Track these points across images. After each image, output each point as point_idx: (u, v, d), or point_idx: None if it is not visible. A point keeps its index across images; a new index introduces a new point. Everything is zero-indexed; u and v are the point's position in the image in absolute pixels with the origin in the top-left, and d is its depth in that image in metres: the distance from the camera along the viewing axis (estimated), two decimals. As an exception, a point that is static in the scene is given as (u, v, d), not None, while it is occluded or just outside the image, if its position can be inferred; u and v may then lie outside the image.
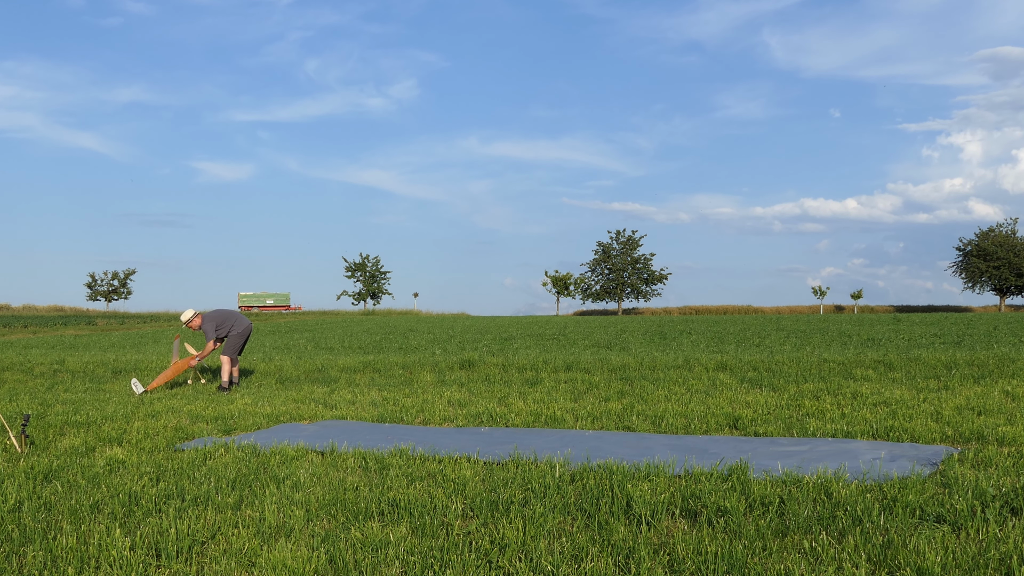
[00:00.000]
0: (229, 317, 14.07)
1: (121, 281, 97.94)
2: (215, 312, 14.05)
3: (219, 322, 13.91)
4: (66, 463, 7.15)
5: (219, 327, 13.85)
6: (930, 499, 5.37)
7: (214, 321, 13.87)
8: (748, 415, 9.48)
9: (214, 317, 13.93)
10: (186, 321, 13.96)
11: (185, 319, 13.88)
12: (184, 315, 13.78)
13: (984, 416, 9.03)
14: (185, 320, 13.92)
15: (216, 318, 13.94)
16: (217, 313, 14.04)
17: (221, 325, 13.89)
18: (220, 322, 13.90)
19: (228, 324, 13.97)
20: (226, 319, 14.02)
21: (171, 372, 13.79)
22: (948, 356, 15.01)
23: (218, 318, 13.95)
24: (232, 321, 14.03)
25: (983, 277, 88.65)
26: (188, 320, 13.98)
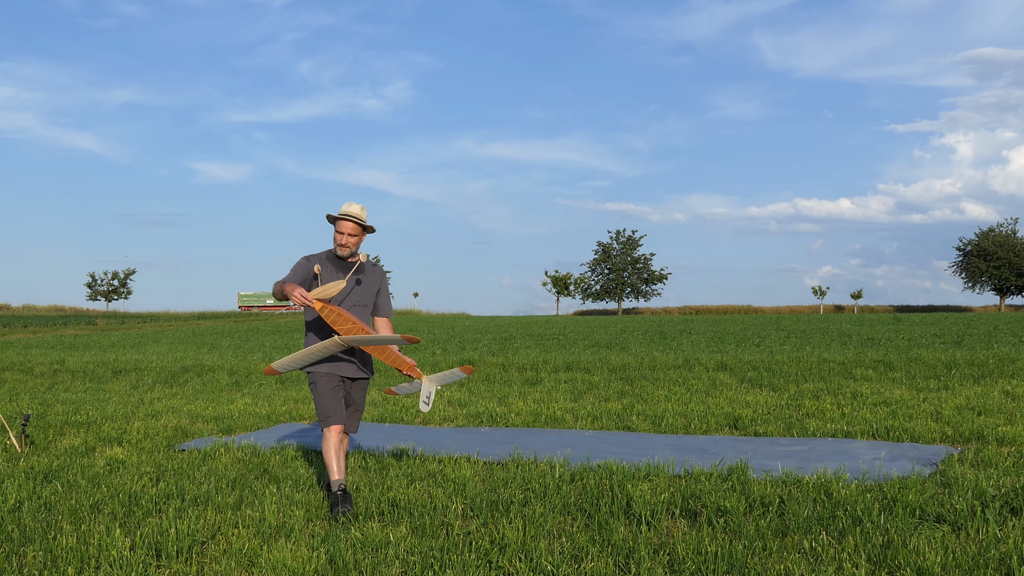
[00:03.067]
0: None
1: (121, 281, 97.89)
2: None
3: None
4: (66, 463, 7.15)
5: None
6: (930, 499, 5.37)
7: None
8: (748, 415, 9.48)
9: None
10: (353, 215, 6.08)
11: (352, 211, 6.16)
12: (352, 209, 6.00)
13: (984, 416, 9.03)
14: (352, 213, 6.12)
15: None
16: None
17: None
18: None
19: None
20: None
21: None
22: (948, 356, 15.01)
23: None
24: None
25: (983, 277, 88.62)
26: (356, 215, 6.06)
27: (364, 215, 5.82)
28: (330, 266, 5.85)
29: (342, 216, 5.77)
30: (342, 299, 5.81)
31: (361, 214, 5.79)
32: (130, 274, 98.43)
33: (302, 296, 5.39)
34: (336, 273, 5.79)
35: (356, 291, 5.84)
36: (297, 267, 5.82)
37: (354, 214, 5.75)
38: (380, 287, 6.04)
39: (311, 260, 5.84)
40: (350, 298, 5.80)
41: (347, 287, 5.77)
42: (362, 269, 5.93)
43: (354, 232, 5.81)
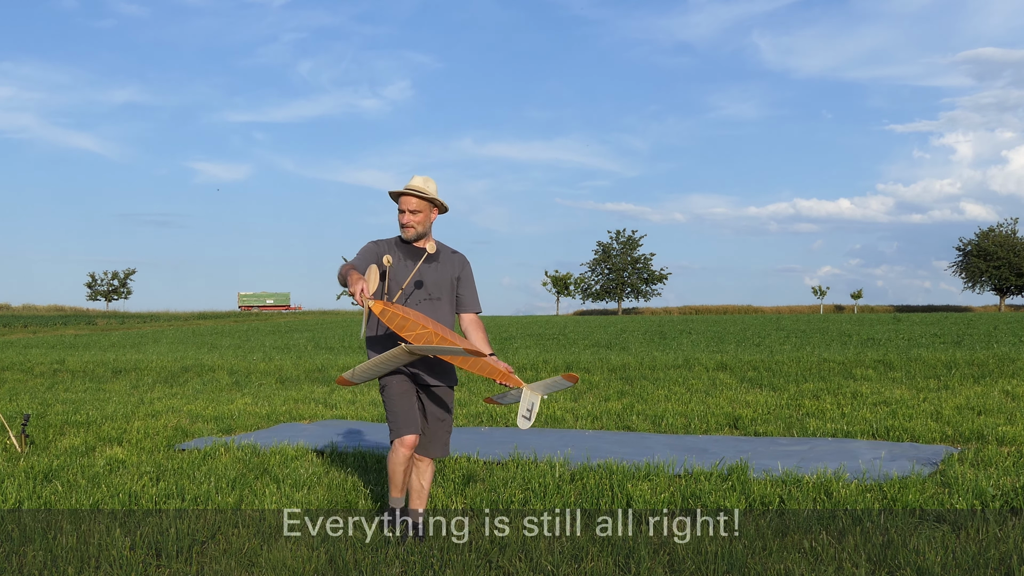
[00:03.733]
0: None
1: (121, 281, 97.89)
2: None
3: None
4: (66, 463, 7.15)
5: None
6: (930, 499, 5.37)
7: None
8: (748, 415, 9.48)
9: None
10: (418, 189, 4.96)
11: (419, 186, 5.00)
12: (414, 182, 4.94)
13: (984, 416, 9.03)
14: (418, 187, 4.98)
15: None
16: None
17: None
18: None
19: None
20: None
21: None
22: (948, 356, 15.01)
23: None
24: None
25: (983, 277, 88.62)
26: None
27: (430, 188, 4.84)
28: (399, 254, 4.90)
29: (403, 191, 4.84)
30: (410, 293, 4.85)
31: (425, 187, 4.82)
32: (130, 274, 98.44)
33: (362, 296, 4.43)
34: (405, 261, 4.87)
35: (428, 281, 4.90)
36: (365, 252, 4.92)
37: (416, 187, 4.80)
38: (461, 275, 5.01)
39: (381, 245, 4.93)
40: (420, 291, 4.87)
41: (414, 276, 4.85)
42: (435, 255, 4.95)
43: (418, 208, 4.84)
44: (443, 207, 4.94)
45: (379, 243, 4.97)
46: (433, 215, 4.93)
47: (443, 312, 4.91)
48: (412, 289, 4.85)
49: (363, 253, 4.92)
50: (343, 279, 4.68)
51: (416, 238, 4.90)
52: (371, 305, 4.50)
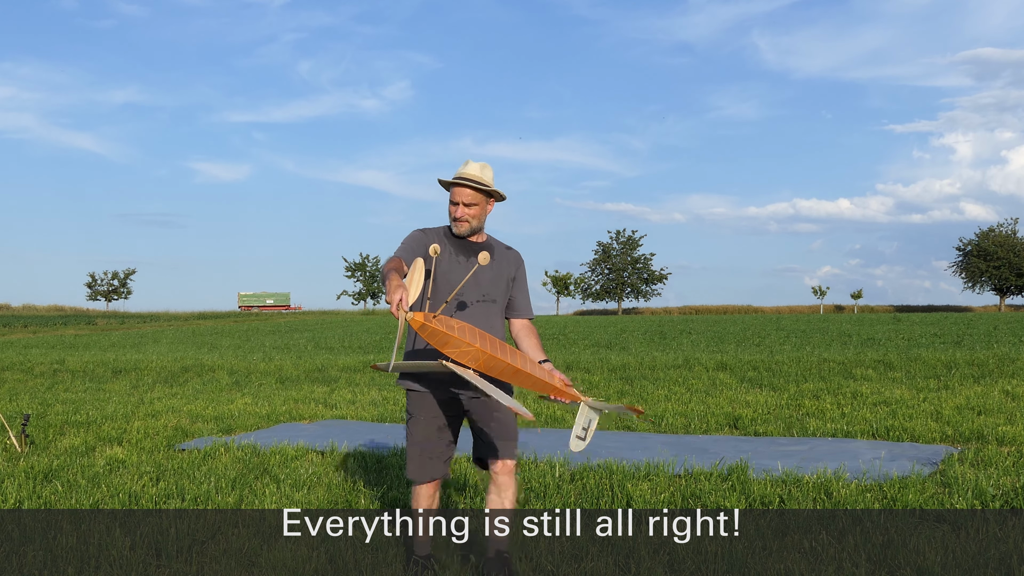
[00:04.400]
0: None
1: (121, 281, 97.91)
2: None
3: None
4: (66, 463, 7.15)
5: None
6: (930, 499, 5.37)
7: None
8: (748, 415, 9.48)
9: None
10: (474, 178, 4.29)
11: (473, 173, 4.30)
12: (469, 169, 4.29)
13: (984, 416, 9.03)
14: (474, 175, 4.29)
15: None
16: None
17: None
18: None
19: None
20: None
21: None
22: (948, 356, 15.01)
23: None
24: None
25: (983, 277, 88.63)
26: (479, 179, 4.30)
27: (487, 176, 4.24)
28: (450, 249, 4.28)
29: (456, 180, 4.22)
30: (462, 294, 4.24)
31: (482, 175, 4.21)
32: (130, 274, 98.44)
33: (399, 307, 3.71)
34: (457, 257, 4.27)
35: (483, 282, 4.28)
36: (410, 243, 4.26)
37: (471, 175, 4.20)
38: (516, 276, 4.41)
39: (429, 235, 4.30)
40: (471, 292, 4.24)
41: (464, 277, 4.22)
42: (490, 252, 4.33)
43: (473, 200, 4.21)
44: (500, 197, 4.33)
45: (427, 232, 4.32)
46: (489, 207, 4.30)
47: (496, 317, 4.32)
48: (465, 290, 4.23)
49: (408, 244, 4.27)
50: (383, 277, 3.95)
51: (470, 233, 4.28)
52: (409, 319, 3.82)
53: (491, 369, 3.98)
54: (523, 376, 4.02)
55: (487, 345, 3.95)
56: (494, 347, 3.98)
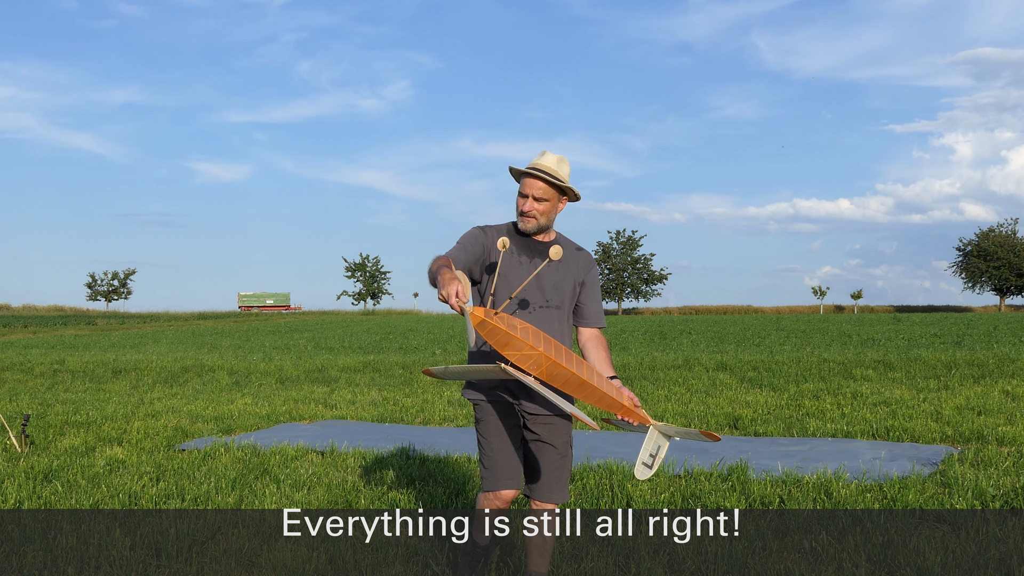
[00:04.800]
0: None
1: (121, 281, 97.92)
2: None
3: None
4: (66, 463, 7.15)
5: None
6: (930, 499, 5.37)
7: None
8: (748, 415, 9.48)
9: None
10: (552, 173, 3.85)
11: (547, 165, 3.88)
12: (545, 160, 3.87)
13: (984, 416, 9.03)
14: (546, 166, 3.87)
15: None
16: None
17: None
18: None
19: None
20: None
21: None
22: (948, 356, 15.01)
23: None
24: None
25: (983, 277, 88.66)
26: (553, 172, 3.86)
27: (563, 171, 3.83)
28: (513, 247, 3.88)
29: (529, 171, 3.81)
30: (523, 298, 3.86)
31: (558, 169, 3.81)
32: (130, 274, 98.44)
33: (458, 301, 3.33)
34: (520, 257, 3.88)
35: (548, 285, 3.87)
36: (466, 242, 3.83)
37: (547, 167, 3.79)
38: (585, 280, 3.98)
39: (488, 233, 3.90)
40: (533, 296, 3.85)
41: (532, 278, 3.80)
42: (541, 266, 3.84)
43: (544, 195, 3.81)
44: (575, 196, 3.93)
45: (487, 230, 3.93)
46: (561, 205, 3.90)
47: (562, 325, 3.91)
48: (527, 294, 3.83)
49: (464, 242, 3.84)
50: (432, 277, 3.52)
51: (536, 231, 3.88)
52: (469, 313, 3.44)
53: (554, 378, 3.57)
54: (589, 389, 3.61)
55: (552, 350, 3.55)
56: (559, 354, 3.59)
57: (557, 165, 3.80)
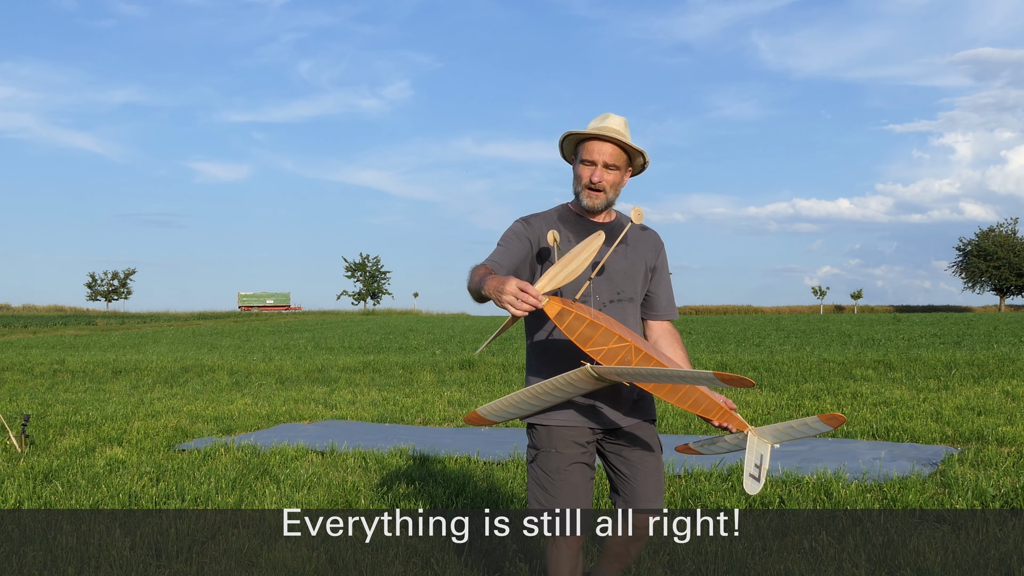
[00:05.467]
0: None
1: (121, 281, 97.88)
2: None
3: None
4: (66, 463, 7.15)
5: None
6: (930, 499, 5.37)
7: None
8: (748, 415, 9.48)
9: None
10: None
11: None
12: (611, 123, 3.26)
13: (984, 416, 9.02)
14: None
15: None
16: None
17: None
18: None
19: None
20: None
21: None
22: (948, 356, 15.00)
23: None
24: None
25: (983, 277, 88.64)
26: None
27: (629, 134, 3.23)
28: (568, 234, 3.22)
29: (592, 133, 3.18)
30: (590, 292, 3.21)
31: (625, 131, 3.21)
32: (130, 274, 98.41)
33: (528, 298, 2.71)
34: (577, 243, 3.18)
35: (617, 273, 3.25)
36: (507, 240, 3.22)
37: (613, 130, 3.16)
38: (656, 265, 3.37)
39: (534, 224, 3.24)
40: (601, 289, 3.22)
41: (599, 265, 3.16)
42: (623, 234, 3.26)
43: (615, 161, 3.17)
44: (642, 164, 3.27)
45: (530, 221, 3.25)
46: (627, 177, 3.26)
47: (637, 321, 3.34)
48: (594, 286, 3.21)
49: (506, 241, 3.23)
50: (476, 288, 2.96)
51: (604, 207, 3.22)
52: (544, 305, 2.84)
53: (647, 380, 2.97)
54: (684, 390, 3.05)
55: (640, 343, 2.98)
56: (647, 346, 3.05)
57: (624, 127, 3.22)
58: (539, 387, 3.07)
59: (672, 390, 3.07)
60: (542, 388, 3.06)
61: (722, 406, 3.18)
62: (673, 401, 3.08)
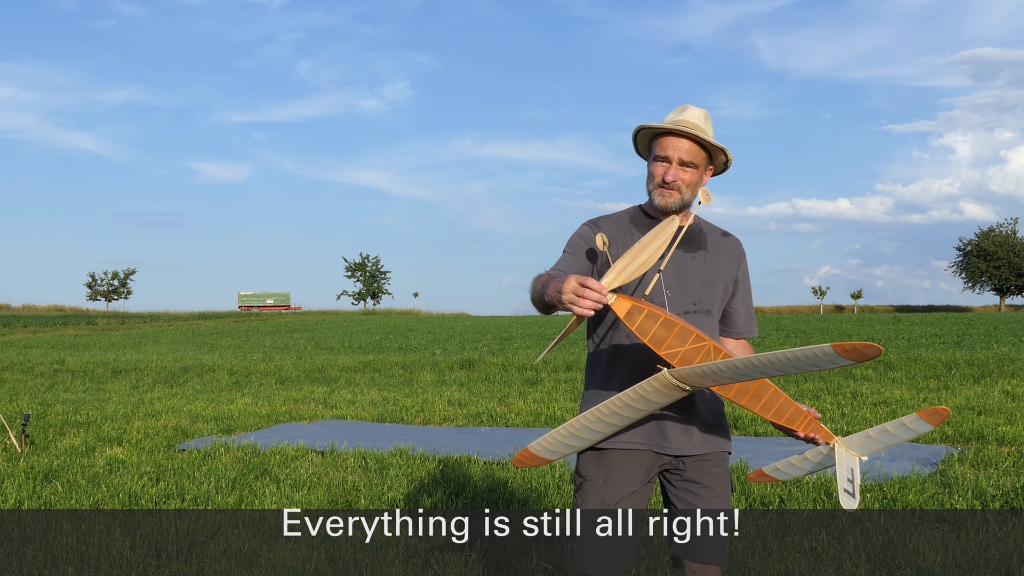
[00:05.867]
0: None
1: (121, 281, 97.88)
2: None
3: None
4: (66, 463, 7.15)
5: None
6: (930, 499, 5.37)
7: None
8: (748, 415, 9.48)
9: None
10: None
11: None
12: (690, 116, 2.92)
13: (984, 416, 9.03)
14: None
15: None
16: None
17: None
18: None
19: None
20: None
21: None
22: (948, 356, 15.00)
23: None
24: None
25: (983, 277, 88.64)
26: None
27: (709, 129, 2.90)
28: (638, 235, 2.84)
29: (668, 128, 2.88)
30: (659, 303, 2.83)
31: (705, 126, 2.89)
32: (130, 274, 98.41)
33: (591, 293, 2.43)
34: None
35: (693, 282, 2.92)
36: (574, 246, 2.94)
37: (695, 125, 2.86)
38: (738, 277, 3.06)
39: (602, 228, 2.92)
40: (677, 298, 2.88)
41: (668, 272, 2.87)
42: (700, 237, 2.97)
43: (692, 159, 2.86)
44: (724, 163, 2.94)
45: (599, 224, 2.95)
46: (707, 176, 2.92)
47: (714, 335, 2.98)
48: (668, 290, 2.87)
49: (575, 248, 2.94)
50: (539, 296, 2.71)
51: (679, 208, 2.88)
52: (612, 303, 2.55)
53: (726, 385, 2.66)
54: (768, 395, 2.72)
55: (716, 342, 2.64)
56: (725, 346, 2.84)
57: (704, 121, 2.89)
58: (606, 406, 2.64)
59: (755, 396, 2.70)
60: (609, 407, 2.64)
61: (807, 414, 2.83)
62: (756, 409, 2.73)
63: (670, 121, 2.90)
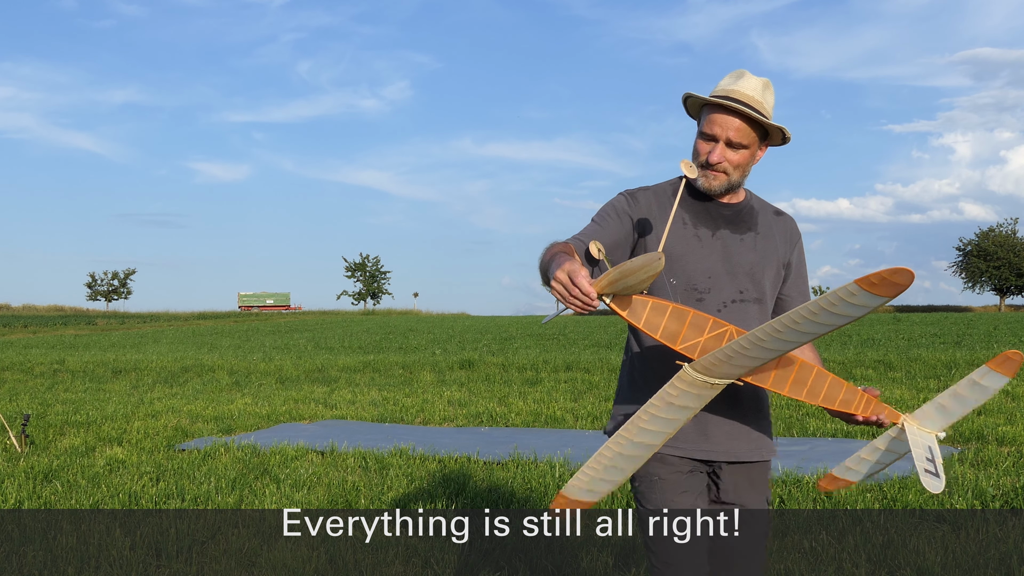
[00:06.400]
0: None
1: (121, 281, 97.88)
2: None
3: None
4: (66, 463, 7.15)
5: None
6: (930, 499, 5.37)
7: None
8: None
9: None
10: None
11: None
12: (745, 86, 2.57)
13: (984, 416, 9.02)
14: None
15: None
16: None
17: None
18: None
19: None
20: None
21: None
22: (948, 356, 15.00)
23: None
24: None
25: (983, 277, 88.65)
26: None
27: (768, 102, 2.57)
28: (683, 215, 2.59)
29: (719, 98, 2.53)
30: (705, 290, 2.57)
31: (763, 98, 2.55)
32: (130, 274, 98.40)
33: (579, 293, 2.18)
34: (696, 230, 2.59)
35: (742, 267, 2.60)
36: (605, 217, 2.61)
37: (748, 97, 2.53)
38: (791, 260, 2.73)
39: (641, 200, 2.61)
40: (722, 285, 2.58)
41: (715, 257, 2.59)
42: (751, 218, 2.66)
43: (742, 138, 2.53)
44: (782, 138, 2.62)
45: (636, 196, 2.63)
46: (760, 153, 2.63)
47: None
48: (712, 281, 2.57)
49: (604, 218, 2.61)
50: (544, 269, 2.37)
51: (725, 191, 2.60)
52: (610, 303, 2.31)
53: (759, 373, 2.31)
54: (813, 377, 2.37)
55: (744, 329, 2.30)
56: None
57: (762, 93, 2.54)
58: (633, 424, 2.36)
59: (798, 381, 2.35)
60: (636, 425, 2.35)
61: (864, 393, 2.43)
62: (802, 397, 2.36)
63: (721, 91, 2.53)
